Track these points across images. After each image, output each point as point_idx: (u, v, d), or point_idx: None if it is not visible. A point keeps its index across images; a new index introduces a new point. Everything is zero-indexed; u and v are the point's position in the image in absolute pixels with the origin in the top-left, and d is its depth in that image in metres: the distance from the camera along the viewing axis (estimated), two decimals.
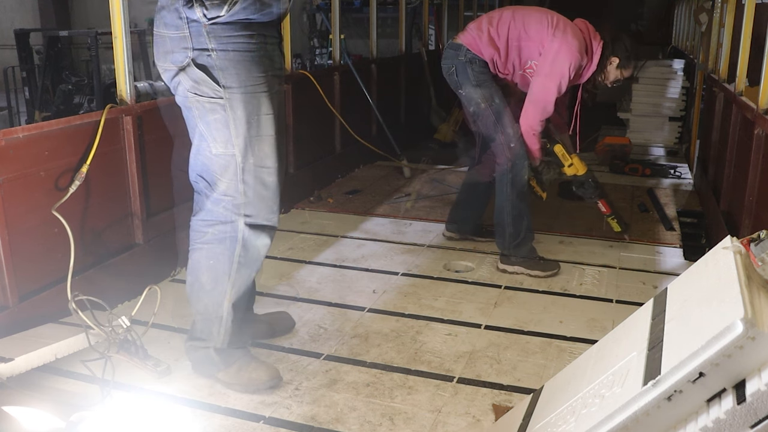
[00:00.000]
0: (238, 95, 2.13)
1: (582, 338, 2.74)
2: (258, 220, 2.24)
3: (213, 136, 2.17)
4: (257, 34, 2.15)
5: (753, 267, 1.51)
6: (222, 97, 2.12)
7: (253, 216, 2.23)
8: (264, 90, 2.18)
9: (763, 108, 3.14)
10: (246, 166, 2.18)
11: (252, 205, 2.22)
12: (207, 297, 2.30)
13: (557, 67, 3.25)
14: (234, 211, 2.22)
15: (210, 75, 2.11)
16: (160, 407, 2.27)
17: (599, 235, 4.05)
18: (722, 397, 1.31)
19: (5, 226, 2.45)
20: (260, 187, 2.22)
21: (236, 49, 2.12)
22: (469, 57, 3.36)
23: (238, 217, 2.22)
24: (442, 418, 2.21)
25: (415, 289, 3.25)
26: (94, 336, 2.45)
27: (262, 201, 2.23)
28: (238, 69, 2.12)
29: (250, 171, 2.19)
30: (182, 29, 2.10)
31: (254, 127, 2.17)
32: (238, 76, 2.13)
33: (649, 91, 7.14)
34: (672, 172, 5.76)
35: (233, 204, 2.21)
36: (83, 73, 9.03)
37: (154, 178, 3.22)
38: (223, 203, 2.21)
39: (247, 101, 2.15)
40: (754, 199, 3.17)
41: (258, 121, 2.18)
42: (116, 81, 3.05)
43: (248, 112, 2.15)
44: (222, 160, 2.18)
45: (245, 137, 2.16)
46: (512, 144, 3.37)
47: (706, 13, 5.68)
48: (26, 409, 2.06)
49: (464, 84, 3.40)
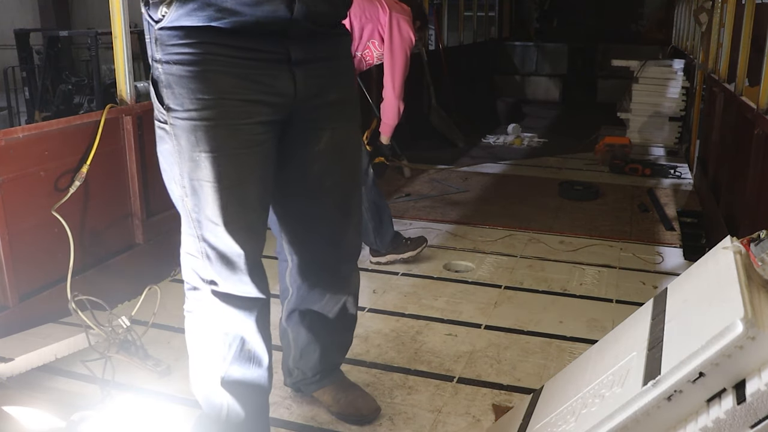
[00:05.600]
0: (182, 122, 1.60)
1: (582, 338, 2.74)
2: (228, 290, 1.69)
3: (167, 171, 1.70)
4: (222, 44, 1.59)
5: (753, 267, 1.51)
6: (166, 122, 1.63)
7: (220, 285, 1.69)
8: (218, 120, 1.60)
9: (763, 108, 3.14)
10: (201, 219, 1.65)
11: (215, 269, 1.67)
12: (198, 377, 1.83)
13: (405, 39, 3.36)
14: (201, 276, 1.70)
15: (156, 94, 1.64)
16: (160, 407, 2.27)
17: (599, 235, 4.05)
18: (722, 397, 1.30)
19: (5, 226, 2.45)
20: (220, 248, 1.66)
21: (179, 62, 1.58)
22: None
23: (204, 284, 1.70)
24: (442, 418, 2.21)
25: (415, 289, 3.25)
26: (94, 336, 2.45)
27: (230, 269, 1.67)
28: (184, 89, 1.59)
29: (206, 226, 1.65)
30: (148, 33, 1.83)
31: (201, 167, 1.61)
32: (181, 96, 1.59)
33: (649, 91, 7.15)
34: (672, 172, 5.76)
35: (198, 266, 1.69)
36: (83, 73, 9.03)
37: (154, 178, 3.19)
38: (189, 263, 1.72)
39: (192, 130, 1.60)
40: (754, 199, 3.17)
41: (210, 161, 1.60)
42: (116, 81, 3.05)
43: (191, 146, 1.60)
44: (179, 205, 1.69)
45: (191, 179, 1.63)
46: None
47: (706, 13, 5.68)
48: (26, 409, 2.06)
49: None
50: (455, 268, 3.58)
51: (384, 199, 3.56)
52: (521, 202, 4.84)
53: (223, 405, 1.78)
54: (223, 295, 1.69)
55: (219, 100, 1.60)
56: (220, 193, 1.62)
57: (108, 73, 7.98)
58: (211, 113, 1.60)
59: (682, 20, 9.04)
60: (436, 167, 5.86)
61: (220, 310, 1.70)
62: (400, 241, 3.55)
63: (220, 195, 1.62)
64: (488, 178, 5.65)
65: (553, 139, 7.66)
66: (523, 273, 3.46)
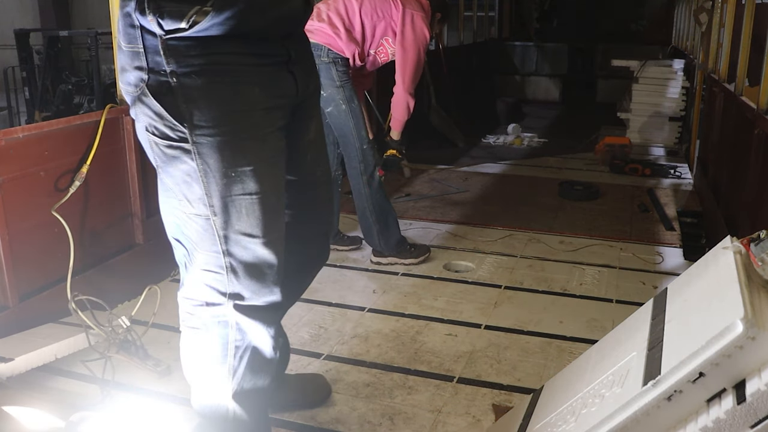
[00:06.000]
0: (211, 139, 1.51)
1: (582, 338, 2.74)
2: (253, 302, 1.65)
3: (183, 191, 1.58)
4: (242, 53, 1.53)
5: (753, 267, 1.51)
6: (187, 141, 1.51)
7: (246, 299, 1.64)
8: (250, 132, 1.56)
9: (763, 108, 3.13)
10: (230, 234, 1.59)
11: (243, 284, 1.62)
12: (202, 390, 1.76)
13: (419, 33, 3.30)
14: (220, 291, 1.63)
15: (169, 109, 1.49)
16: (160, 407, 2.27)
17: (599, 235, 4.05)
18: (722, 397, 1.30)
19: (5, 226, 2.45)
20: (254, 262, 1.61)
21: (208, 75, 1.49)
22: (332, 57, 3.30)
23: (225, 299, 1.63)
24: (442, 418, 2.21)
25: (415, 289, 3.25)
26: (94, 336, 2.45)
27: (257, 280, 1.63)
28: (211, 102, 1.50)
29: (236, 241, 1.59)
30: (135, 42, 1.49)
31: (236, 182, 1.55)
32: (210, 113, 1.50)
33: (649, 91, 7.15)
34: (672, 172, 5.76)
35: (218, 281, 1.62)
36: (83, 73, 9.04)
37: (154, 178, 3.19)
38: (206, 279, 1.63)
39: (225, 147, 1.52)
40: (753, 199, 3.17)
41: (243, 175, 1.55)
42: (116, 81, 3.05)
43: (226, 163, 1.53)
44: (197, 224, 1.60)
45: (222, 196, 1.55)
46: (365, 146, 3.39)
47: (706, 13, 5.67)
48: (26, 409, 2.06)
49: (326, 85, 3.33)
50: (455, 268, 3.58)
51: (389, 203, 3.56)
52: (521, 202, 4.84)
53: (230, 411, 1.74)
54: (247, 308, 1.64)
55: (249, 112, 1.56)
56: (256, 206, 1.58)
57: (108, 73, 7.99)
58: (243, 126, 1.55)
59: (682, 20, 9.03)
60: (436, 167, 5.87)
61: (240, 323, 1.65)
62: (404, 246, 3.55)
63: (257, 208, 1.59)
64: (488, 178, 5.65)
65: (553, 139, 7.66)
66: (523, 273, 3.46)
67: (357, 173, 3.44)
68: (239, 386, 1.71)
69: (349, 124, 3.38)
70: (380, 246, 3.52)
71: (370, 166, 3.43)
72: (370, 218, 3.49)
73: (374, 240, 3.52)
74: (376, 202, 3.46)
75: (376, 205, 3.46)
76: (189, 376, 1.79)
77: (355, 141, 3.39)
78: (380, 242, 3.51)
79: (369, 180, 3.44)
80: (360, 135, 3.39)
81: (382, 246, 3.52)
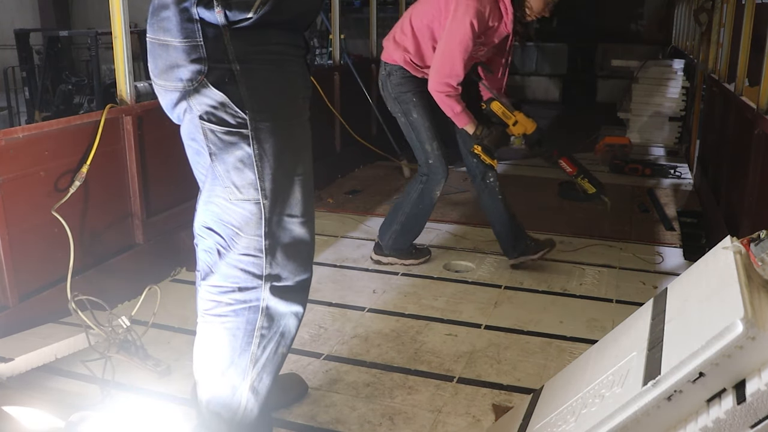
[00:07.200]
0: (269, 124, 1.64)
1: (582, 338, 2.74)
2: (287, 282, 1.75)
3: (232, 178, 1.67)
4: (287, 43, 1.67)
5: (753, 267, 1.51)
6: (246, 127, 1.62)
7: (283, 279, 1.74)
8: (298, 117, 1.73)
9: (763, 108, 3.14)
10: (273, 217, 1.70)
11: (280, 265, 1.73)
12: (218, 382, 1.78)
13: (457, 25, 3.07)
14: (256, 274, 1.72)
15: (232, 97, 1.61)
16: (160, 407, 2.27)
17: (599, 235, 4.05)
18: (722, 397, 1.30)
19: (5, 226, 2.45)
20: (291, 242, 1.73)
21: (265, 63, 1.63)
22: (387, 70, 3.31)
23: (262, 281, 1.72)
24: (442, 418, 2.21)
25: (415, 289, 3.25)
26: (94, 336, 2.45)
27: (293, 260, 1.75)
28: (268, 89, 1.64)
29: (279, 222, 1.71)
30: (193, 36, 1.58)
31: (285, 165, 1.68)
32: (268, 99, 1.64)
33: (649, 91, 7.15)
34: (672, 172, 5.76)
35: (255, 265, 1.71)
36: (83, 73, 9.04)
37: (154, 178, 3.22)
38: (242, 264, 1.71)
39: (278, 132, 1.66)
40: (754, 199, 3.17)
41: (291, 158, 1.70)
42: (116, 81, 3.05)
43: (279, 147, 1.66)
44: (244, 209, 1.68)
45: (274, 179, 1.67)
46: (430, 160, 3.35)
47: (706, 13, 5.68)
48: (26, 409, 2.06)
49: (386, 99, 3.37)
50: (455, 268, 3.58)
51: (426, 218, 3.52)
52: (521, 202, 4.82)
53: (242, 405, 1.78)
54: (282, 288, 1.74)
55: (295, 99, 1.71)
56: (300, 187, 1.73)
57: (108, 73, 7.99)
58: (292, 112, 1.70)
59: (682, 20, 9.03)
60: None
61: (270, 308, 1.74)
62: (408, 249, 3.56)
63: (300, 188, 1.73)
64: None
65: (553, 139, 7.64)
66: (523, 273, 3.46)
67: (418, 179, 3.43)
68: (258, 377, 1.77)
69: (411, 136, 3.37)
70: (386, 243, 3.51)
71: (433, 183, 3.37)
72: (399, 217, 3.48)
73: (385, 235, 3.52)
74: (415, 210, 3.45)
75: (414, 207, 3.44)
76: (203, 368, 1.80)
77: (420, 154, 3.38)
78: (389, 240, 3.50)
79: (423, 191, 3.40)
80: (423, 148, 3.34)
81: (389, 245, 3.51)
